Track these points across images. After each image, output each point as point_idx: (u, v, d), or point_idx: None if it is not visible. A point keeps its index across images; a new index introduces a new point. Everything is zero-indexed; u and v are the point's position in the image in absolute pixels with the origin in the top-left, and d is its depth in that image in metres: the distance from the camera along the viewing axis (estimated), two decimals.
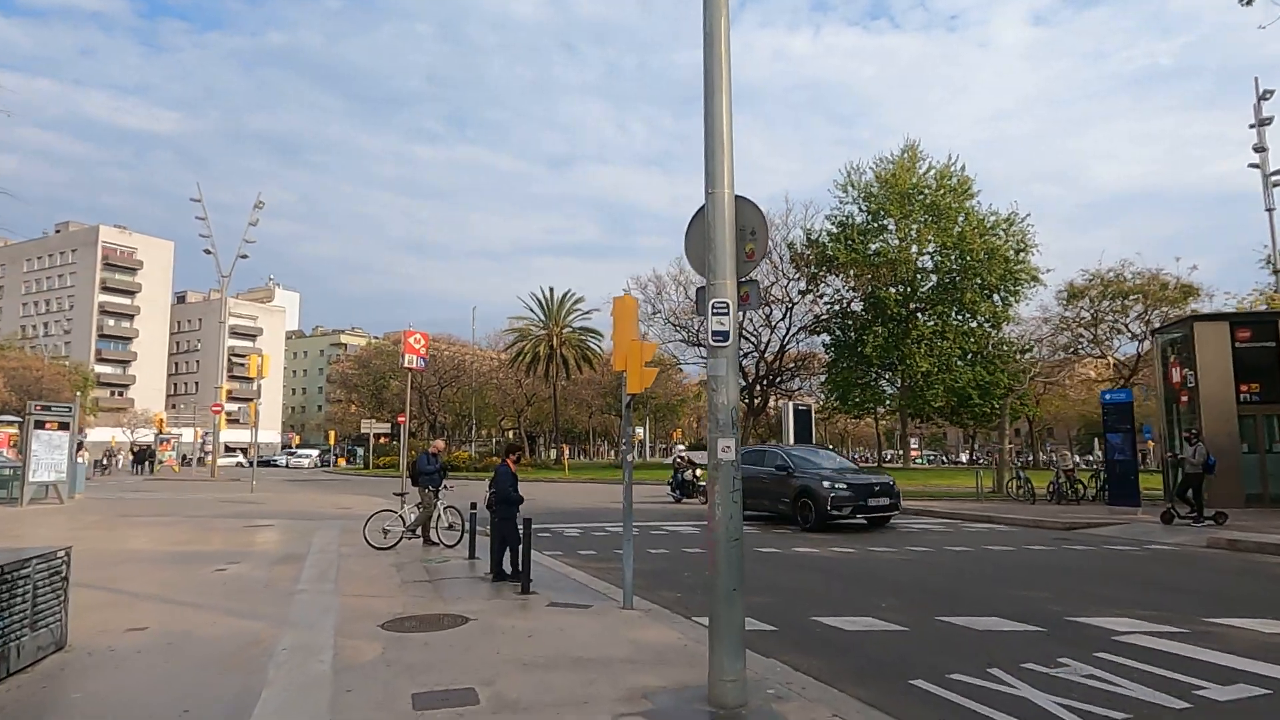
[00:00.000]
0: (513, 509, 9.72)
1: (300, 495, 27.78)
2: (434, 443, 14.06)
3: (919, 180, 43.49)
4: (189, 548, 13.29)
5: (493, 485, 9.70)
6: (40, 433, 22.25)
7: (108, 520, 18.30)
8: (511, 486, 9.73)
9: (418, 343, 20.58)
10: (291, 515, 19.49)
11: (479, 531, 12.31)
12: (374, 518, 13.18)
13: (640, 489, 31.38)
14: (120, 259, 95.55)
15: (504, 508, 9.67)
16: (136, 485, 35.56)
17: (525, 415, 70.14)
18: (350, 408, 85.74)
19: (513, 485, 9.76)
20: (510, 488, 9.71)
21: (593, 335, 55.57)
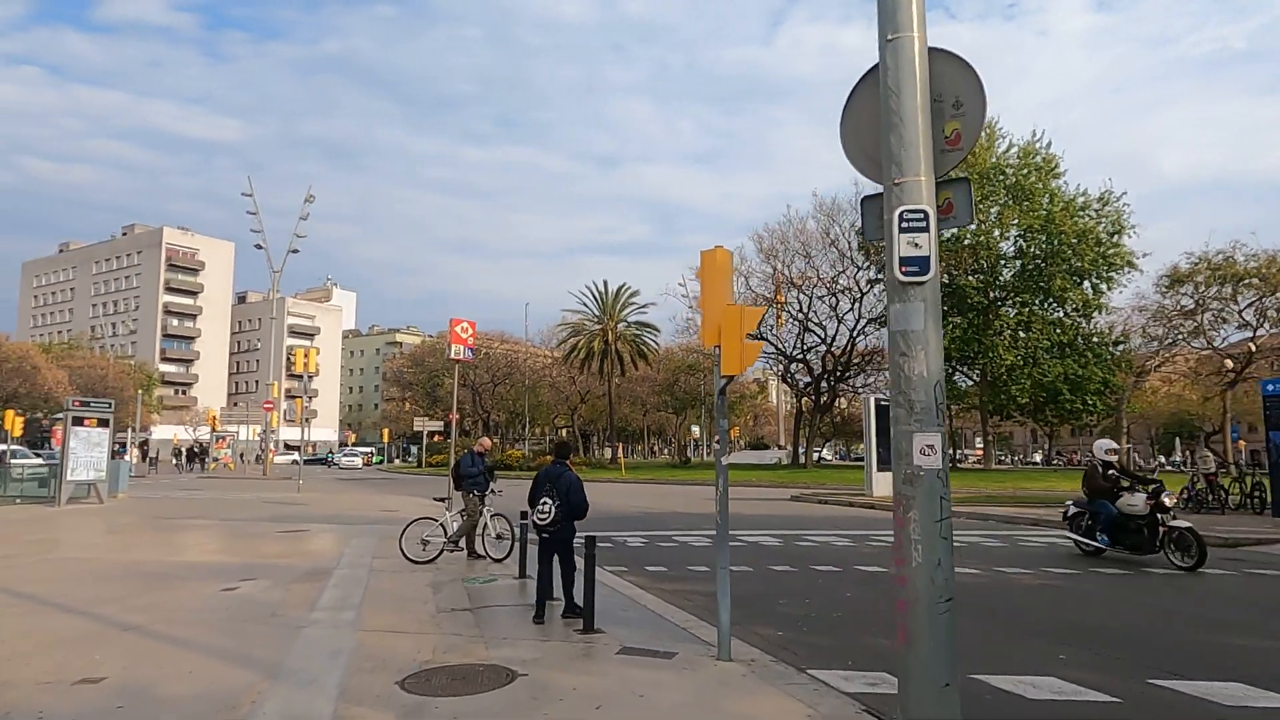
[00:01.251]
0: (574, 529, 7.79)
1: (346, 496, 26.50)
2: (480, 440, 12.25)
3: (999, 159, 40.36)
4: (207, 558, 11.75)
5: (553, 492, 7.63)
6: (79, 429, 21.31)
7: (138, 524, 17.05)
8: (585, 498, 7.77)
9: (465, 331, 18.90)
10: (331, 519, 18.01)
11: (531, 542, 10.45)
12: (412, 526, 11.46)
13: (697, 491, 29.36)
14: (183, 260, 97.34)
15: (569, 526, 7.72)
16: (188, 484, 34.95)
17: (579, 413, 68.63)
18: (405, 405, 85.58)
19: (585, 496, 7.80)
20: (585, 500, 7.74)
21: (648, 330, 53.69)
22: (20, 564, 11.28)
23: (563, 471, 7.75)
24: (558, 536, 7.68)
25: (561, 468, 7.81)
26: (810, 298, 42.73)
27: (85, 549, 12.86)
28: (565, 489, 7.60)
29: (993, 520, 18.14)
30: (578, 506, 7.60)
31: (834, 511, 20.83)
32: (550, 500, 7.56)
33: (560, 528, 7.63)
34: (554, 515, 7.52)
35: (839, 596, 9.58)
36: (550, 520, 7.54)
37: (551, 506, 7.54)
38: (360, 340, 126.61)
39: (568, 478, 7.68)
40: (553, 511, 7.52)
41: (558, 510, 7.53)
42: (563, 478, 7.66)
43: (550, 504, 7.55)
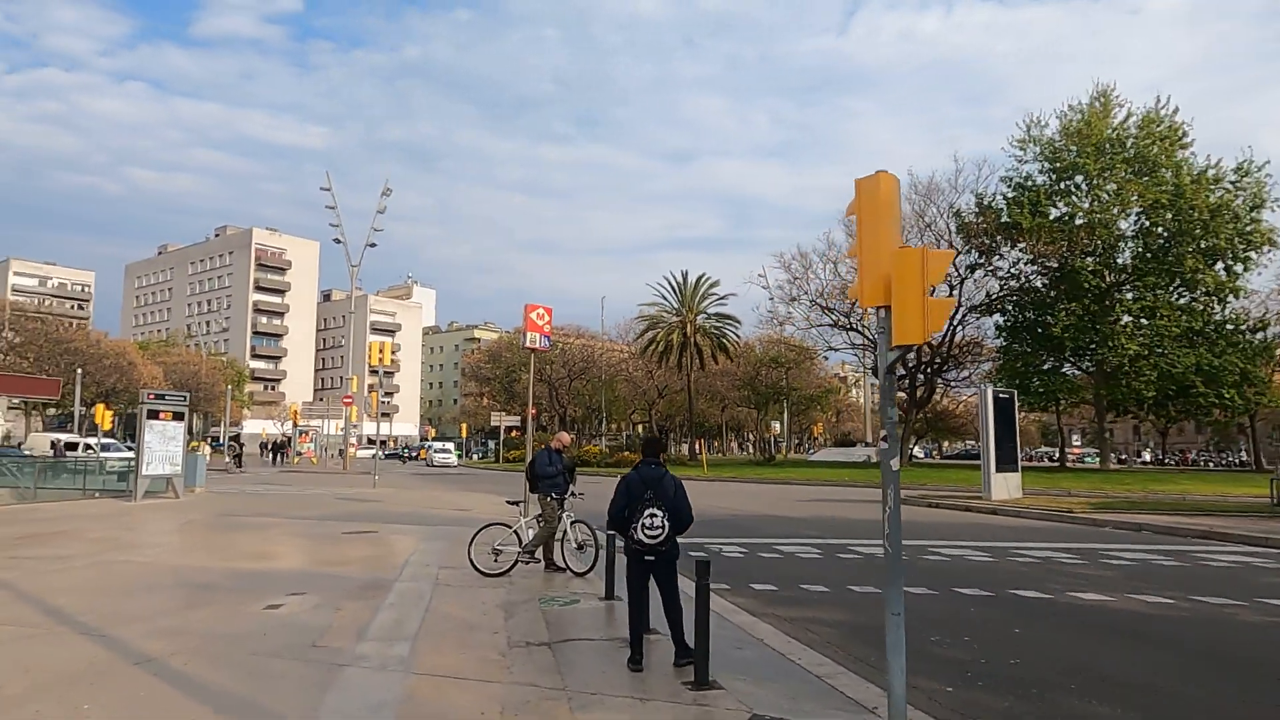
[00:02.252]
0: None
1: (420, 493, 25.60)
2: (558, 436, 10.72)
3: (1118, 129, 36.74)
4: (260, 565, 10.60)
5: (659, 501, 5.94)
6: (153, 423, 20.86)
7: (203, 523, 16.28)
8: (690, 507, 6.11)
9: (541, 318, 17.45)
10: (401, 518, 16.89)
11: (619, 552, 8.86)
12: (483, 532, 10.02)
13: (790, 491, 27.35)
14: (271, 259, 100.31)
15: (675, 543, 6.07)
16: (268, 478, 34.95)
17: (656, 408, 67.12)
18: (482, 400, 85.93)
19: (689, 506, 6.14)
20: (690, 509, 6.09)
21: (729, 322, 51.58)
22: (70, 567, 10.37)
23: (663, 474, 6.09)
24: (667, 557, 6.03)
25: (659, 469, 6.14)
26: None
27: (140, 550, 11.94)
28: (671, 497, 5.94)
29: (1147, 531, 15.65)
30: (683, 517, 5.95)
31: (952, 518, 18.59)
32: (659, 512, 5.91)
33: (671, 547, 5.98)
34: (667, 531, 5.88)
35: (1005, 633, 7.64)
36: (664, 537, 5.90)
37: (663, 520, 5.88)
38: (440, 337, 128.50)
39: (669, 482, 6.02)
40: (665, 526, 5.87)
41: (665, 521, 5.88)
42: (664, 482, 6.01)
43: (660, 516, 5.89)
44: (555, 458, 10.17)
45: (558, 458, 10.22)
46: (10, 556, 11.22)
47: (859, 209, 4.92)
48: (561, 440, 10.55)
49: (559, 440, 10.52)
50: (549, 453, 10.19)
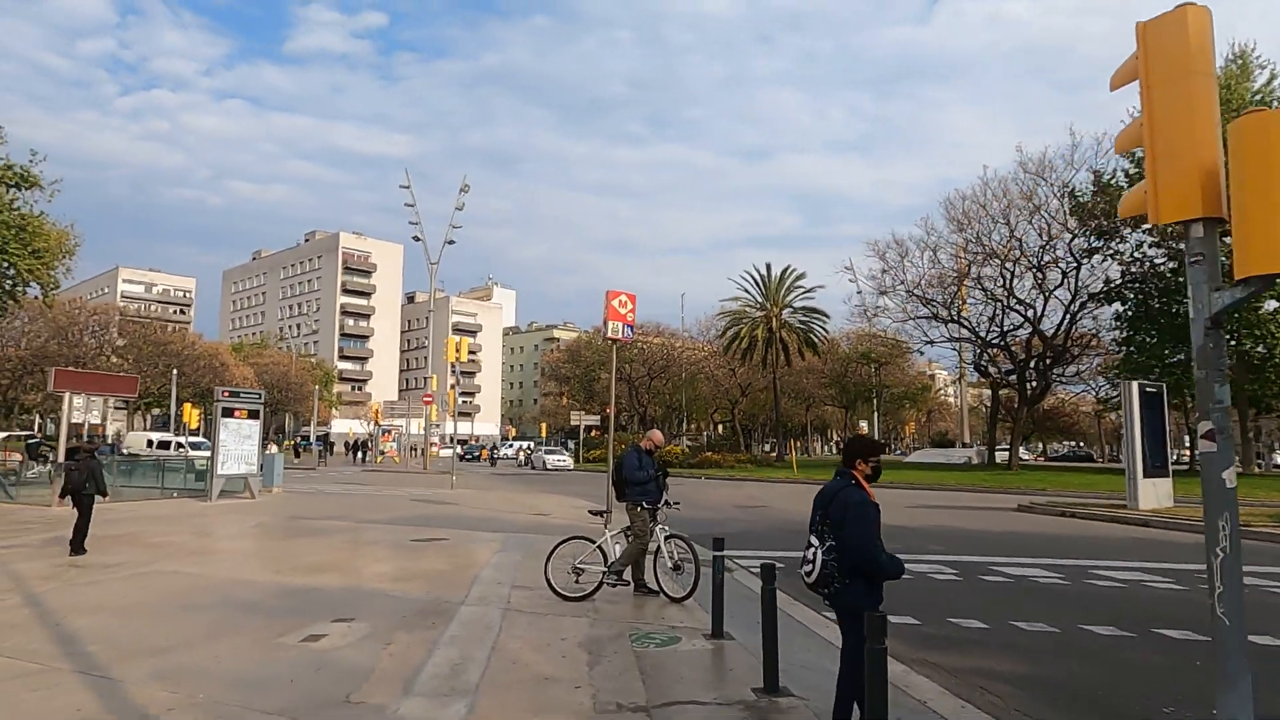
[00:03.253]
0: (877, 592, 4.27)
1: (496, 494, 24.48)
2: (648, 435, 9.08)
3: (1262, 92, 32.78)
4: (314, 580, 9.36)
5: (824, 526, 4.26)
6: (228, 421, 20.35)
7: (270, 526, 15.40)
8: (866, 536, 4.15)
9: (623, 306, 15.97)
10: (475, 524, 15.61)
11: (727, 573, 7.20)
12: (563, 547, 8.50)
13: (897, 496, 25.01)
14: (357, 263, 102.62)
15: (857, 586, 4.19)
16: (349, 477, 34.68)
17: (739, 407, 64.98)
18: (562, 400, 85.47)
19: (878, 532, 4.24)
20: (867, 539, 4.13)
21: (817, 317, 49.01)
22: (111, 578, 9.38)
23: (840, 488, 4.32)
24: (840, 604, 4.30)
25: (842, 482, 4.38)
26: (1012, 273, 36.69)
27: (193, 559, 10.95)
28: (838, 519, 4.18)
29: None
30: (852, 552, 4.15)
31: (1102, 531, 16.12)
32: (815, 542, 4.22)
33: (841, 590, 4.20)
34: (819, 568, 4.17)
35: None
36: (816, 577, 4.19)
37: (817, 553, 4.19)
38: (520, 337, 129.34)
39: (843, 499, 4.23)
40: (817, 561, 4.17)
41: (825, 558, 4.17)
42: (836, 499, 4.26)
43: (815, 549, 4.22)
44: (646, 460, 8.57)
45: (649, 460, 8.61)
46: (57, 564, 10.38)
47: (1147, 68, 3.10)
48: (653, 439, 8.92)
49: (650, 439, 8.89)
50: (638, 454, 8.59)
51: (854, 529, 4.13)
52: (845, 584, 4.16)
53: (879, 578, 4.18)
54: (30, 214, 29.05)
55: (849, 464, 4.42)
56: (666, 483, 8.64)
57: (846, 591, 4.17)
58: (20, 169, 28.53)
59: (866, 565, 4.11)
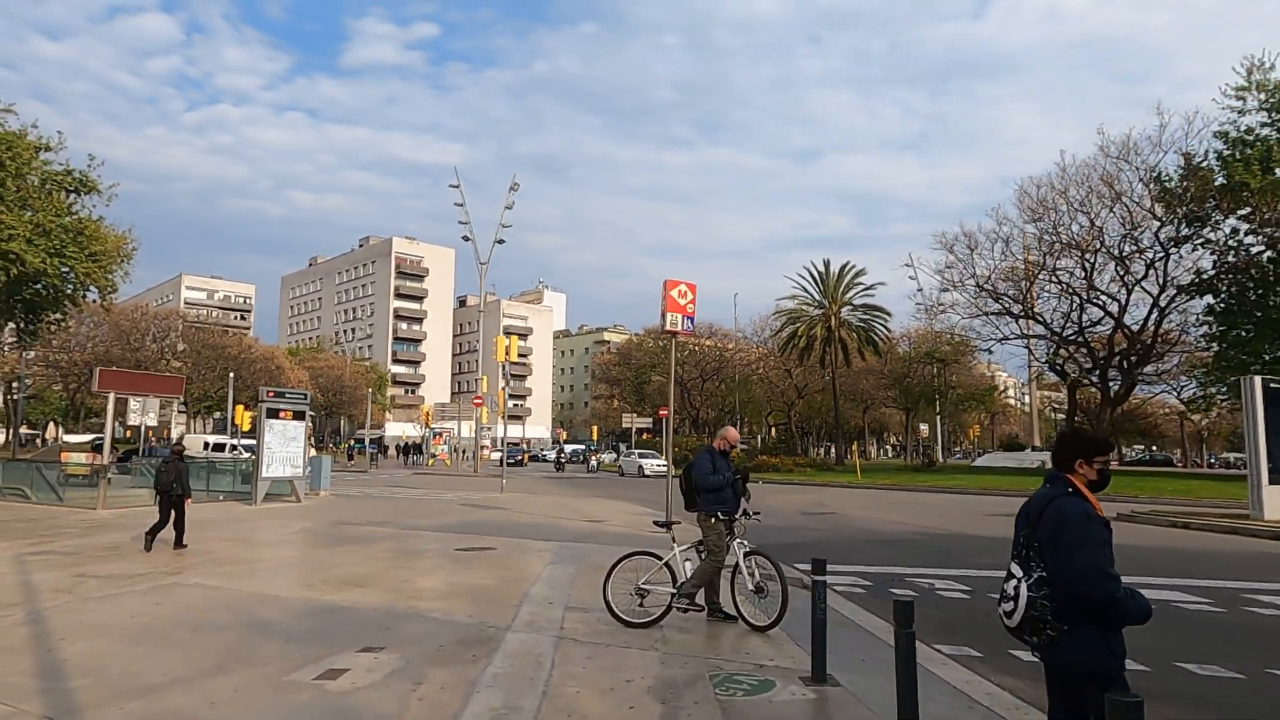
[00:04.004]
0: (1113, 644, 2.87)
1: (548, 498, 23.45)
2: (723, 433, 7.79)
3: None
4: (346, 596, 8.35)
5: (1029, 550, 2.98)
6: (274, 423, 19.74)
7: (311, 532, 14.58)
8: (1091, 566, 2.84)
9: (683, 296, 14.73)
10: (524, 531, 14.54)
11: (826, 603, 5.92)
12: (625, 564, 7.30)
13: (975, 503, 23.22)
14: (410, 267, 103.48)
15: (1083, 637, 2.85)
16: (399, 480, 34.14)
17: (795, 409, 63.12)
18: (613, 403, 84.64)
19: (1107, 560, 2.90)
20: (1093, 570, 2.82)
21: (877, 315, 46.97)
22: (128, 592, 8.53)
23: (1052, 498, 3.04)
24: (1054, 662, 2.96)
25: (1054, 490, 3.09)
26: (1092, 264, 34.32)
27: (221, 570, 10.08)
28: (1050, 540, 2.92)
29: None
30: (1075, 586, 2.84)
31: (1220, 544, 14.30)
32: (1018, 573, 2.99)
33: (1059, 642, 2.89)
34: (1023, 609, 2.91)
35: None
36: (1019, 620, 2.93)
37: (1020, 587, 2.94)
38: (570, 340, 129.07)
39: (1058, 513, 2.96)
40: (1021, 599, 2.91)
41: (1032, 594, 2.90)
42: (1047, 514, 2.99)
43: (1019, 581, 2.98)
44: (720, 463, 7.33)
45: (723, 463, 7.37)
46: (78, 574, 9.60)
47: None
48: (727, 438, 7.65)
49: (723, 438, 7.63)
50: (711, 456, 7.35)
51: (1075, 553, 2.83)
52: (1063, 632, 2.86)
53: (1117, 622, 2.86)
54: (88, 218, 29.19)
55: (1064, 466, 3.12)
56: (746, 489, 7.38)
57: (1065, 645, 2.87)
58: (79, 174, 28.72)
59: (1096, 603, 2.81)
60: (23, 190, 27.01)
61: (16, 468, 23.32)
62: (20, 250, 25.04)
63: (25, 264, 25.20)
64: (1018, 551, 3.04)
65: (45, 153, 28.34)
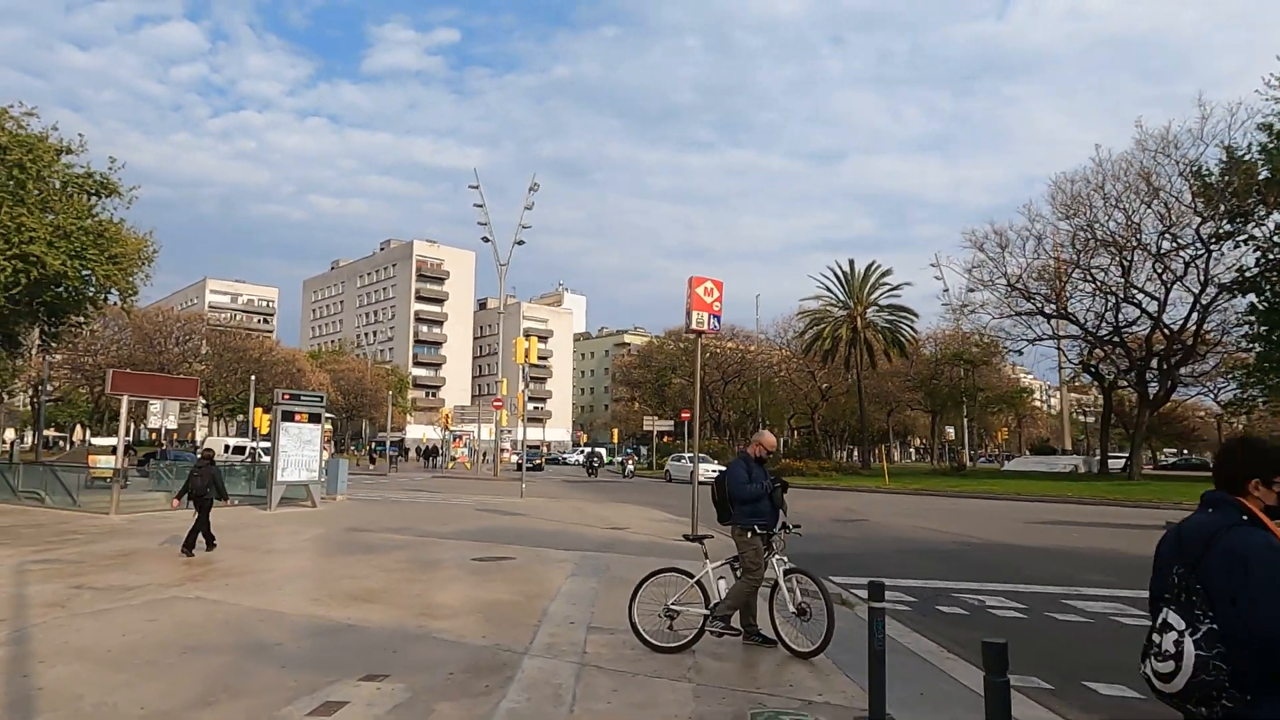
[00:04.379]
0: None
1: (567, 504, 22.87)
2: (758, 437, 7.09)
3: None
4: (352, 613, 7.79)
5: (1189, 595, 2.27)
6: (289, 425, 19.30)
7: (324, 539, 14.09)
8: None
9: (709, 293, 14.09)
10: (543, 539, 13.95)
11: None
12: (653, 582, 6.67)
13: (1014, 509, 22.29)
14: (431, 270, 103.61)
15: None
16: (418, 484, 33.73)
17: (819, 412, 62.16)
18: (633, 405, 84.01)
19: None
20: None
21: (904, 315, 45.96)
22: (123, 606, 8.04)
23: (1221, 529, 2.31)
24: None
25: (1222, 518, 2.39)
26: (1130, 262, 33.13)
27: (224, 581, 9.57)
28: (1221, 584, 2.23)
29: None
30: (1267, 640, 2.12)
31: None
32: (1180, 623, 2.26)
33: (1243, 717, 2.16)
34: (1189, 670, 2.21)
35: None
36: (1184, 684, 2.21)
37: (1183, 642, 2.23)
38: (590, 343, 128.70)
39: (1233, 548, 2.24)
40: (1186, 657, 2.21)
41: (1201, 651, 2.19)
42: (1217, 549, 2.27)
43: (1181, 633, 2.24)
44: (757, 471, 6.68)
45: (760, 471, 6.72)
46: (76, 585, 9.14)
47: None
48: (764, 444, 6.99)
49: (759, 444, 6.97)
50: (747, 464, 6.71)
51: (1266, 600, 2.15)
52: (1245, 702, 2.17)
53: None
54: (109, 221, 29.12)
55: (1234, 486, 2.43)
56: (785, 499, 6.72)
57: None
58: (100, 176, 28.63)
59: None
60: (44, 193, 26.96)
61: (34, 471, 23.15)
62: (41, 252, 24.91)
63: (46, 266, 25.06)
64: (1173, 595, 2.35)
65: (66, 155, 28.32)
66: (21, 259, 24.71)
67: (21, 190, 26.11)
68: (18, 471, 23.04)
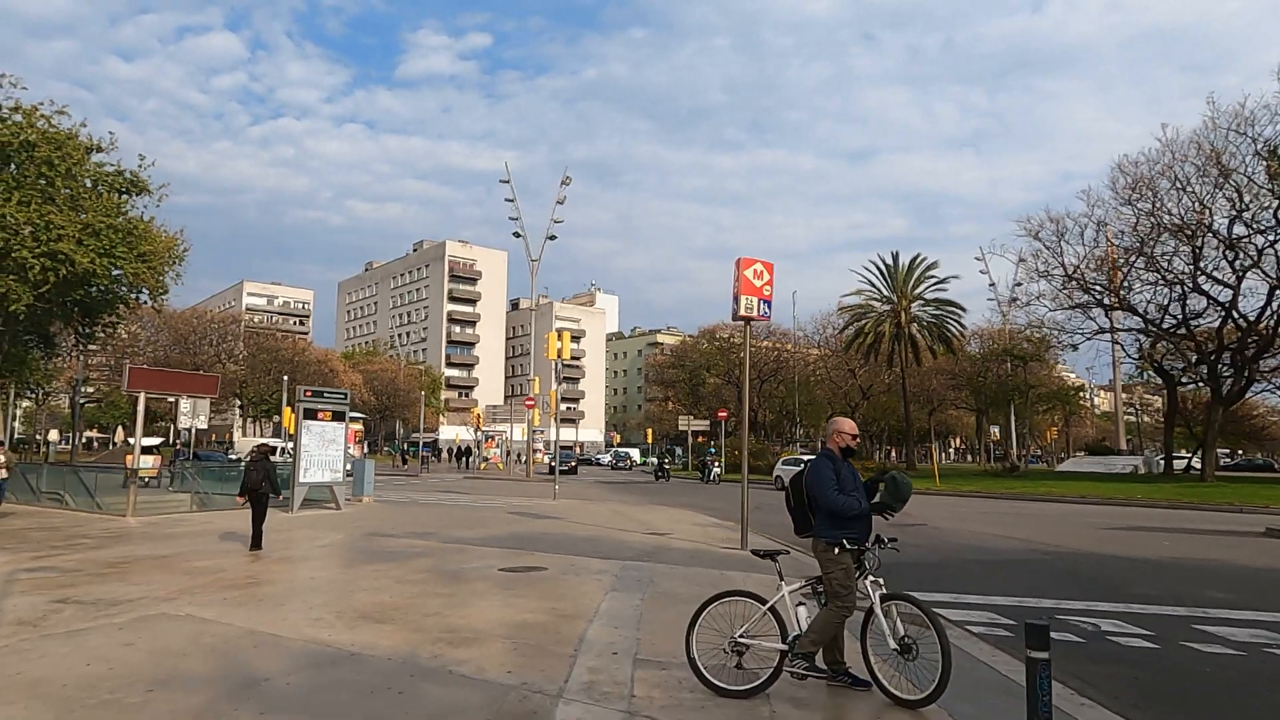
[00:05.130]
0: None
1: (603, 506, 21.69)
2: (836, 425, 5.69)
3: None
4: (358, 638, 6.67)
5: None
6: (311, 424, 18.43)
7: (342, 546, 13.09)
8: None
9: (759, 277, 12.84)
10: (579, 546, 12.77)
11: (1050, 694, 3.98)
12: (714, 609, 5.44)
13: (1089, 513, 20.56)
14: (463, 270, 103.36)
15: None
16: (449, 485, 32.85)
17: (859, 410, 60.31)
18: (667, 405, 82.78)
19: None
20: None
21: (951, 310, 44.03)
22: (102, 626, 7.04)
23: None
24: None
25: None
26: (1199, 249, 30.99)
27: (223, 596, 8.55)
28: None
29: None
30: None
31: None
32: None
33: None
34: None
35: None
36: None
37: None
38: (623, 343, 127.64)
39: None
40: None
41: None
42: None
43: None
44: (846, 471, 5.41)
45: (849, 470, 5.45)
46: (60, 599, 8.18)
47: None
48: (843, 432, 5.61)
49: (840, 433, 5.62)
50: (833, 463, 5.43)
51: None
52: None
53: None
54: (138, 219, 28.73)
55: None
56: (885, 503, 5.45)
57: None
58: (130, 174, 28.23)
59: None
60: (73, 190, 26.59)
61: (58, 472, 22.62)
62: (70, 250, 24.49)
63: (75, 264, 24.62)
64: None
65: (97, 154, 27.98)
66: (50, 257, 24.26)
67: (50, 188, 25.73)
68: (42, 472, 22.53)
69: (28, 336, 34.18)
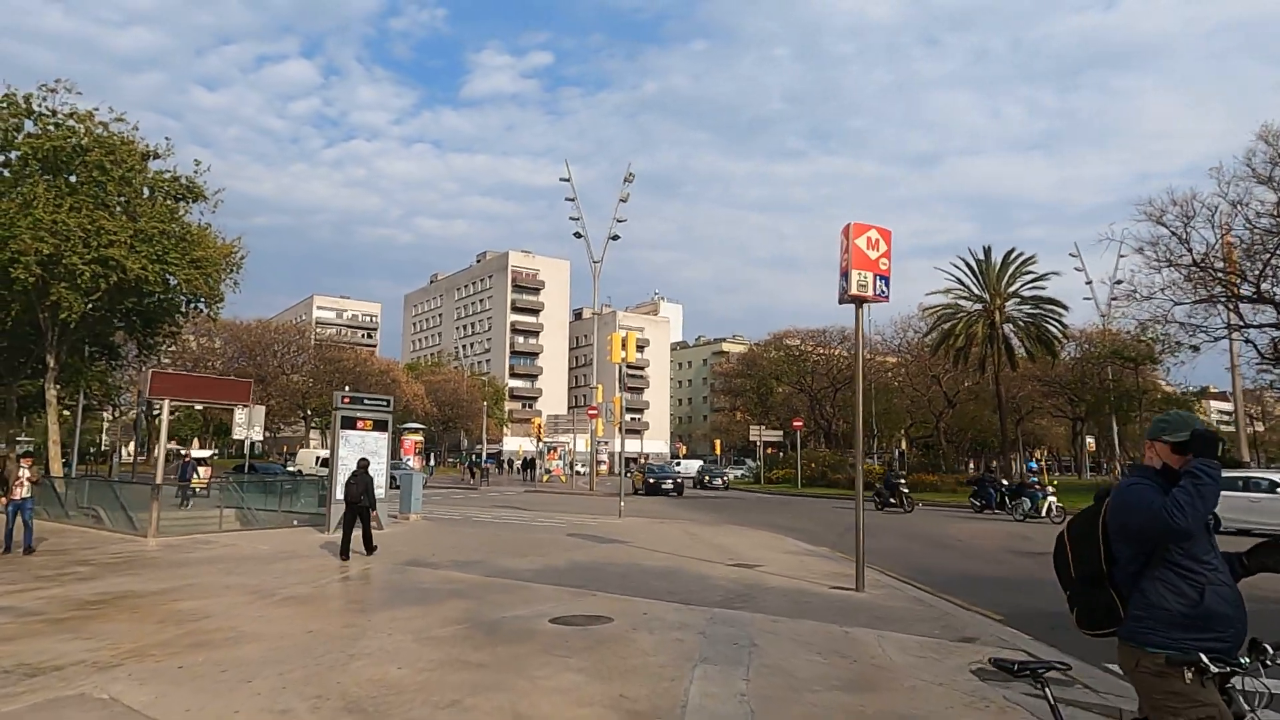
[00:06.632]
0: None
1: (675, 527, 19.15)
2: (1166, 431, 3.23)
3: None
4: None
5: None
6: (349, 434, 16.56)
7: (365, 580, 11.00)
8: None
9: (874, 247, 10.30)
10: (650, 585, 10.31)
11: None
12: None
13: None
14: (526, 280, 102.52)
15: None
16: (508, 499, 30.85)
17: (944, 419, 56.30)
18: (735, 415, 79.78)
19: None
20: None
21: (1051, 309, 40.06)
22: (1, 709, 4.95)
23: None
24: None
25: None
26: None
27: (177, 666, 6.43)
28: None
29: None
30: None
31: None
32: None
33: None
34: None
35: None
36: None
37: None
38: (687, 352, 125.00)
39: None
40: None
41: None
42: None
43: None
44: (1188, 502, 2.83)
45: (1192, 500, 2.87)
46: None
47: None
48: None
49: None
50: (1155, 488, 2.87)
51: None
52: None
53: None
54: (192, 224, 27.85)
55: None
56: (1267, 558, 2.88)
57: None
58: (186, 179, 27.37)
59: None
60: (126, 195, 25.77)
61: (99, 486, 21.38)
62: (121, 256, 23.54)
63: (126, 270, 23.66)
64: None
65: (153, 160, 27.22)
66: (100, 263, 23.29)
67: (103, 193, 24.91)
68: (82, 487, 21.34)
69: (92, 348, 33.82)
